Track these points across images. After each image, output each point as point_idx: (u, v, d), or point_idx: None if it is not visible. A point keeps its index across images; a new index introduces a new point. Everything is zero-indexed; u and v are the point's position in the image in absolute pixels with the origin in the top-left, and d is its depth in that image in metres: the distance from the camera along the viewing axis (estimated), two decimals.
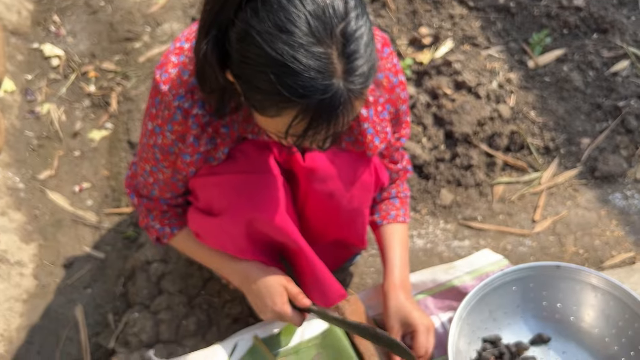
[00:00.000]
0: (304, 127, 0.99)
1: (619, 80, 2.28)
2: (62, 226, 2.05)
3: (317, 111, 0.96)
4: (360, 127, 1.31)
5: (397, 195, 1.58)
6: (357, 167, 1.37)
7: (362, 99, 1.02)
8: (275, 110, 0.99)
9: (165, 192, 1.39)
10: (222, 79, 1.03)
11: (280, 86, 0.93)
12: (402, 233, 1.55)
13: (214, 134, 1.26)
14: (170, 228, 1.46)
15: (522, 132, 2.15)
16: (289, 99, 0.95)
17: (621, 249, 1.88)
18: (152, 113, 1.24)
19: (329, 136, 1.03)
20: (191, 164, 1.29)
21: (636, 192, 2.04)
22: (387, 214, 1.55)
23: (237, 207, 1.30)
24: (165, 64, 1.21)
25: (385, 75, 1.30)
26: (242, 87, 1.00)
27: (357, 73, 0.97)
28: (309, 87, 0.93)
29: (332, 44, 0.93)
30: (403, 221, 1.56)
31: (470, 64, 2.32)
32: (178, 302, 1.78)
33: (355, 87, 0.97)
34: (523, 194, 2.06)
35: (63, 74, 2.48)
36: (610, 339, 1.45)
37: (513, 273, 1.49)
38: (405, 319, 1.42)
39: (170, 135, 1.23)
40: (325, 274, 1.48)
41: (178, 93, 1.18)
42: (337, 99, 0.96)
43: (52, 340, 1.80)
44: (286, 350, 1.53)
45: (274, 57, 0.92)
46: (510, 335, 1.52)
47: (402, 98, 1.38)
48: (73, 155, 2.25)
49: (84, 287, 1.92)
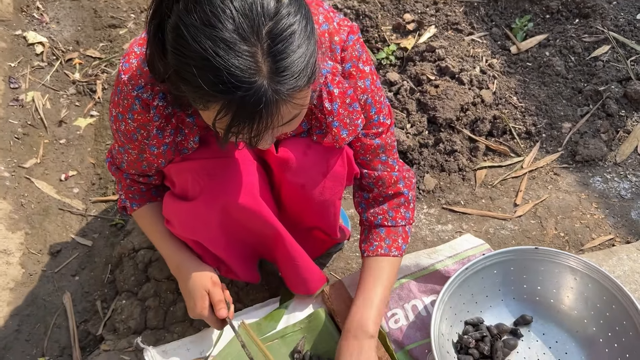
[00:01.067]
0: (228, 123, 0.98)
1: (600, 65, 2.30)
2: (48, 214, 2.06)
3: (239, 108, 0.96)
4: (326, 120, 1.30)
5: (383, 222, 1.50)
6: (329, 159, 1.37)
7: (293, 103, 1.00)
8: (202, 104, 1.00)
9: (131, 168, 1.41)
10: (162, 67, 1.04)
11: (201, 80, 0.94)
12: (381, 267, 1.48)
13: (179, 124, 1.26)
14: (131, 203, 1.49)
15: (505, 117, 2.18)
16: (210, 93, 0.95)
17: (601, 232, 1.92)
18: (115, 100, 1.25)
19: (256, 135, 1.01)
20: (160, 156, 1.29)
21: (616, 175, 2.08)
22: (370, 244, 1.51)
23: (211, 191, 1.31)
24: (129, 54, 1.21)
25: (353, 64, 1.29)
26: (176, 77, 1.00)
27: (285, 74, 0.95)
28: (229, 83, 0.93)
29: (257, 42, 0.93)
30: (385, 254, 1.48)
31: (453, 50, 2.33)
32: (165, 289, 1.79)
33: (281, 88, 0.96)
34: (505, 178, 2.09)
35: (47, 61, 2.46)
36: (589, 321, 1.49)
37: (494, 257, 1.52)
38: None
39: (132, 122, 1.25)
40: (304, 260, 1.50)
41: (137, 83, 1.19)
42: (260, 97, 0.95)
43: (41, 328, 1.81)
44: (272, 335, 1.55)
45: (197, 50, 0.92)
46: (491, 317, 1.55)
47: (360, 87, 1.31)
48: (59, 143, 2.25)
49: (72, 275, 1.93)
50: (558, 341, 1.50)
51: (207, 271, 1.44)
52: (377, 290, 1.45)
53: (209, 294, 1.41)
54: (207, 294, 1.41)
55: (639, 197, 2.01)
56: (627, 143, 2.15)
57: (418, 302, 1.57)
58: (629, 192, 2.03)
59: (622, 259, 1.70)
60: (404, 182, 1.51)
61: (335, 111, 1.29)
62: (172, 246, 1.47)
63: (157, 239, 1.49)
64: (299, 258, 1.50)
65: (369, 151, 1.44)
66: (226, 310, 1.41)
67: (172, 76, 1.01)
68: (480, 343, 1.47)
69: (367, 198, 1.53)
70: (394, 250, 1.49)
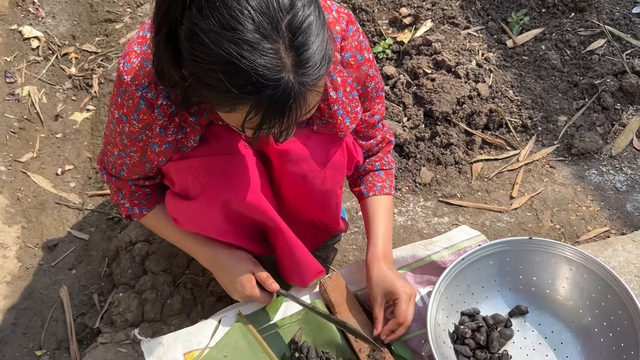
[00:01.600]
0: (259, 122, 0.98)
1: (596, 58, 2.31)
2: (45, 208, 2.06)
3: (269, 106, 0.96)
4: (331, 109, 1.31)
5: (382, 167, 1.60)
6: (329, 149, 1.38)
7: (317, 91, 1.01)
8: (229, 106, 0.99)
9: (134, 174, 1.40)
10: (178, 75, 1.02)
11: (229, 84, 0.93)
12: (387, 205, 1.58)
13: (182, 123, 1.26)
14: (139, 209, 1.48)
15: (501, 110, 2.18)
16: (239, 96, 0.95)
17: (596, 224, 1.93)
18: (117, 102, 1.23)
19: (287, 129, 1.02)
20: (161, 154, 1.29)
21: (611, 168, 2.09)
22: (373, 185, 1.58)
23: (212, 189, 1.31)
24: (128, 54, 1.19)
25: (352, 54, 1.30)
26: (196, 83, 0.99)
27: (308, 65, 0.96)
28: (257, 83, 0.92)
29: (278, 38, 0.92)
30: (388, 193, 1.58)
31: (449, 44, 2.34)
32: (162, 282, 1.80)
33: (307, 80, 0.97)
34: (501, 171, 2.10)
35: (43, 55, 2.46)
36: (585, 311, 1.50)
37: (490, 248, 1.53)
38: (388, 289, 1.45)
39: (137, 123, 1.23)
40: (302, 252, 1.51)
41: (141, 83, 1.18)
42: (289, 92, 0.95)
43: (38, 322, 1.81)
44: (269, 326, 1.56)
45: (221, 55, 0.91)
46: (487, 308, 1.56)
47: (370, 75, 1.37)
48: (55, 137, 2.25)
49: (69, 269, 1.93)
50: (554, 331, 1.51)
51: (243, 254, 1.50)
52: (385, 224, 1.55)
53: (254, 275, 1.48)
54: (252, 275, 1.48)
55: (634, 189, 2.02)
56: (622, 136, 2.15)
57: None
58: (624, 184, 2.04)
59: (618, 250, 1.70)
60: (390, 133, 1.62)
61: (339, 99, 1.30)
62: (199, 242, 1.49)
63: (180, 238, 1.50)
64: (297, 251, 1.51)
65: (371, 126, 1.52)
66: (276, 284, 1.49)
67: (192, 83, 0.99)
68: (476, 333, 1.48)
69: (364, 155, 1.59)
70: (393, 190, 1.61)
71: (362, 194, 1.59)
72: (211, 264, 1.52)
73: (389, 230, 1.56)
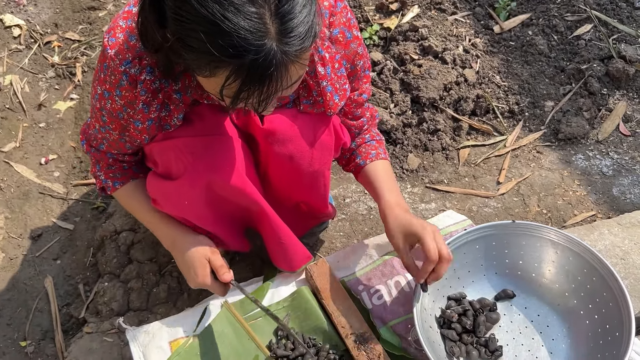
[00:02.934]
0: (237, 88, 0.97)
1: (582, 43, 2.31)
2: (29, 198, 2.03)
3: (249, 72, 0.95)
4: (319, 85, 1.30)
5: (373, 139, 1.58)
6: (316, 129, 1.37)
7: (300, 63, 1.00)
8: (209, 70, 0.98)
9: (113, 148, 1.39)
10: (160, 36, 1.01)
11: (210, 45, 0.92)
12: (386, 167, 1.54)
13: (165, 100, 1.24)
14: (112, 182, 1.46)
15: (488, 96, 2.18)
16: (219, 58, 0.94)
17: (583, 209, 1.93)
18: (100, 77, 1.22)
19: (265, 99, 1.01)
20: (143, 131, 1.27)
21: (598, 153, 2.09)
22: (368, 153, 1.55)
23: (195, 170, 1.29)
24: (114, 28, 1.18)
25: (340, 30, 1.29)
26: (178, 45, 0.98)
27: (292, 34, 0.95)
28: (239, 47, 0.92)
29: (264, 3, 0.91)
30: (385, 158, 1.55)
31: (436, 30, 2.33)
32: (148, 271, 1.78)
33: (289, 49, 0.96)
34: (488, 157, 2.09)
35: (25, 44, 2.43)
36: (570, 294, 1.50)
37: (476, 232, 1.52)
38: (408, 231, 1.38)
39: (119, 100, 1.22)
40: (288, 237, 1.50)
41: (125, 58, 1.16)
42: (270, 60, 0.94)
43: (22, 312, 1.79)
44: (256, 313, 1.54)
45: (205, 15, 0.91)
46: (474, 292, 1.55)
47: (359, 53, 1.35)
48: (38, 126, 2.22)
49: (54, 259, 1.91)
50: (540, 314, 1.51)
51: (203, 240, 1.43)
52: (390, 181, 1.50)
53: (210, 262, 1.40)
54: (207, 263, 1.40)
55: (620, 173, 2.02)
56: (608, 121, 2.16)
57: (401, 278, 1.57)
58: (611, 169, 2.04)
59: (604, 233, 1.71)
60: (374, 109, 1.60)
61: (328, 75, 1.29)
62: (163, 221, 1.44)
63: (146, 215, 1.47)
64: (283, 235, 1.49)
65: (359, 105, 1.50)
66: (230, 274, 1.41)
67: (174, 44, 0.99)
68: (462, 317, 1.48)
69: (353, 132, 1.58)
70: (388, 156, 1.58)
71: (359, 165, 1.55)
72: (171, 245, 1.46)
73: (395, 186, 1.50)
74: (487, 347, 1.45)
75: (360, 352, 1.42)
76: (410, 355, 1.45)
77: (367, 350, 1.42)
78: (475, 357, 1.44)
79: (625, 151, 2.09)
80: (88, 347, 1.62)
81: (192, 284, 1.42)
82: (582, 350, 1.42)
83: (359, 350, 1.42)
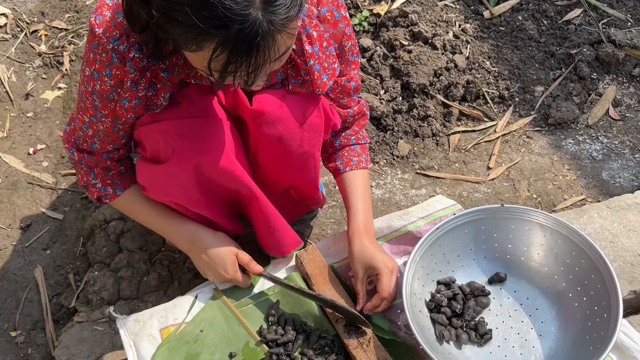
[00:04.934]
0: (225, 60, 0.97)
1: (572, 28, 2.30)
2: (17, 188, 2.02)
3: (236, 43, 0.95)
4: (307, 64, 1.29)
5: (357, 142, 1.59)
6: (305, 109, 1.36)
7: (287, 32, 1.00)
8: (195, 44, 0.98)
9: (107, 143, 1.35)
10: (146, 13, 1.01)
11: (195, 17, 0.92)
12: (365, 179, 1.56)
13: (153, 78, 1.23)
14: (112, 189, 1.43)
15: (478, 81, 2.17)
16: (205, 30, 0.94)
17: (573, 193, 1.94)
18: (89, 58, 1.21)
19: (254, 71, 1.01)
20: (130, 110, 1.26)
21: (588, 137, 2.09)
22: (349, 160, 1.56)
23: (183, 152, 1.28)
24: (100, 7, 1.17)
25: (329, 9, 1.28)
26: (163, 20, 0.98)
27: (277, 3, 0.95)
28: (224, 17, 0.92)
29: None
30: (365, 167, 1.57)
31: (426, 15, 2.32)
32: (138, 259, 1.78)
33: (275, 18, 0.96)
34: (478, 142, 2.09)
35: (11, 33, 2.40)
36: (559, 276, 1.50)
37: (465, 216, 1.52)
38: (369, 263, 1.44)
39: (109, 80, 1.20)
40: (278, 221, 1.49)
41: (112, 35, 1.15)
42: (256, 29, 0.94)
43: (12, 303, 1.79)
44: (247, 300, 1.54)
45: None
46: (463, 277, 1.56)
47: (347, 34, 1.35)
48: (26, 116, 2.20)
49: (43, 249, 1.90)
50: (529, 297, 1.52)
51: (225, 237, 1.48)
52: (364, 198, 1.54)
53: (237, 257, 1.47)
54: (236, 258, 1.46)
55: (609, 158, 2.03)
56: (598, 105, 2.16)
57: None
58: (600, 153, 2.04)
59: (593, 217, 1.71)
60: (366, 106, 1.60)
61: (316, 54, 1.28)
62: (177, 221, 1.45)
63: (156, 218, 1.46)
64: (273, 219, 1.49)
65: (346, 93, 1.49)
66: (260, 267, 1.48)
67: (159, 20, 0.98)
68: (452, 301, 1.48)
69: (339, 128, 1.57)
70: (369, 164, 1.60)
71: (339, 170, 1.57)
72: (190, 243, 1.47)
73: (368, 204, 1.55)
74: (476, 331, 1.45)
75: (350, 337, 1.42)
76: (401, 339, 1.46)
77: (358, 335, 1.42)
78: (465, 340, 1.44)
79: (615, 135, 2.09)
80: (79, 337, 1.62)
81: (219, 280, 1.48)
82: (571, 332, 1.43)
83: (349, 335, 1.43)
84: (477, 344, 1.45)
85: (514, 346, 1.45)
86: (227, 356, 1.44)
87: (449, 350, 1.43)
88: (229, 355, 1.44)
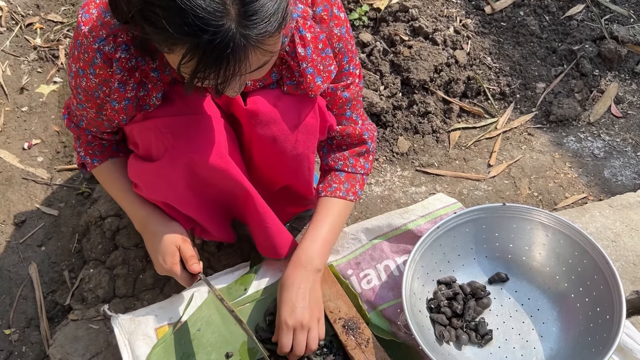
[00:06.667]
0: (193, 68, 0.94)
1: (574, 24, 2.28)
2: (12, 184, 1.99)
3: (205, 53, 0.92)
4: (300, 67, 1.26)
5: (344, 168, 1.51)
6: (300, 110, 1.33)
7: (263, 49, 0.97)
8: (166, 46, 0.96)
9: (92, 126, 1.36)
10: (125, 6, 0.98)
11: (166, 21, 0.90)
12: (339, 209, 1.48)
13: (143, 79, 1.21)
14: (91, 159, 1.44)
15: (479, 77, 2.15)
16: (174, 35, 0.91)
17: (574, 191, 1.92)
18: (74, 55, 1.19)
19: (223, 82, 0.97)
20: (121, 111, 1.24)
21: (589, 135, 2.07)
22: (328, 185, 1.50)
23: (175, 150, 1.26)
24: (88, 4, 1.15)
25: (324, 8, 1.25)
26: (139, 17, 0.95)
27: (255, 17, 0.91)
28: (194, 26, 0.89)
29: None
30: (342, 197, 1.48)
31: (427, 10, 2.29)
32: (134, 257, 1.75)
33: (250, 33, 0.92)
34: (479, 139, 2.07)
35: (6, 26, 2.37)
36: (561, 277, 1.49)
37: (466, 215, 1.50)
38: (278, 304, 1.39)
39: (94, 78, 1.19)
40: (274, 223, 1.46)
41: (98, 35, 1.13)
42: (227, 42, 0.91)
43: (6, 300, 1.76)
44: (243, 299, 1.52)
45: None
46: (464, 276, 1.54)
47: (336, 34, 1.28)
48: (20, 111, 2.17)
49: (38, 246, 1.88)
50: (530, 298, 1.50)
51: (176, 227, 1.40)
52: (327, 228, 1.45)
53: (180, 250, 1.37)
54: (177, 251, 1.36)
55: (611, 155, 2.00)
56: (600, 102, 2.13)
57: (390, 262, 1.55)
58: (602, 151, 2.02)
59: (595, 216, 1.69)
60: (368, 134, 1.51)
61: (309, 57, 1.24)
62: (136, 202, 1.42)
63: (120, 195, 1.44)
64: (268, 220, 1.46)
65: (337, 105, 1.42)
66: (199, 265, 1.37)
67: (135, 16, 0.96)
68: (452, 301, 1.46)
69: (331, 144, 1.52)
70: (350, 195, 1.50)
71: (319, 192, 1.51)
72: (142, 227, 1.43)
73: (329, 238, 1.46)
74: (477, 331, 1.44)
75: (348, 337, 1.40)
76: (400, 340, 1.44)
77: (356, 335, 1.41)
78: (465, 341, 1.42)
79: (617, 133, 2.07)
80: (74, 335, 1.60)
81: (159, 270, 1.39)
82: (572, 333, 1.41)
83: (347, 335, 1.41)
84: (477, 344, 1.44)
85: (515, 347, 1.43)
86: (224, 356, 1.42)
87: (449, 350, 1.41)
88: (225, 355, 1.42)
